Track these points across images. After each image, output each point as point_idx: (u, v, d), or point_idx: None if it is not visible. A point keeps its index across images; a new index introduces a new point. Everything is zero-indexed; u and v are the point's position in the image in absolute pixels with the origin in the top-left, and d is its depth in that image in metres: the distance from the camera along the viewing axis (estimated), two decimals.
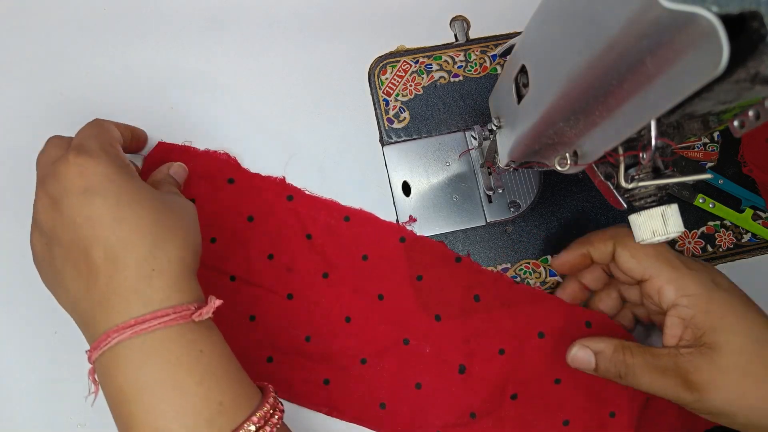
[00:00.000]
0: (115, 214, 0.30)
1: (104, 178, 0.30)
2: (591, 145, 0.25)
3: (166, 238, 0.30)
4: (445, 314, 0.41)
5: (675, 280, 0.30)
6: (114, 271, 0.29)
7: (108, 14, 0.44)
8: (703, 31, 0.16)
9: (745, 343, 0.28)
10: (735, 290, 0.31)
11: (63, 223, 0.30)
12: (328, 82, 0.44)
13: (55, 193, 0.30)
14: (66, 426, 0.39)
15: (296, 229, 0.41)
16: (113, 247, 0.29)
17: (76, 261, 0.30)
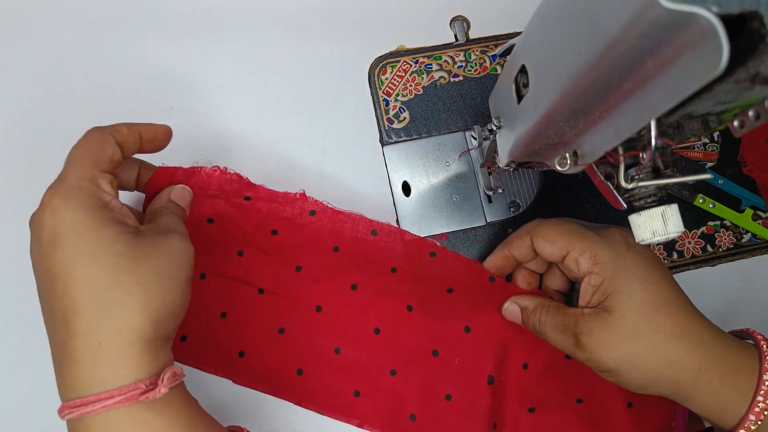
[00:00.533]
0: (70, 272, 0.27)
1: (68, 226, 0.27)
2: (591, 145, 0.25)
3: (118, 304, 0.27)
4: (475, 326, 0.41)
5: (587, 250, 0.32)
6: (65, 338, 0.27)
7: (108, 14, 0.44)
8: (703, 31, 0.16)
9: (639, 306, 0.30)
10: (645, 253, 0.32)
11: (34, 268, 0.29)
12: (328, 82, 0.44)
13: (32, 234, 0.29)
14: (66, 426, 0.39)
15: (323, 241, 0.41)
16: (66, 310, 0.27)
17: (45, 309, 0.28)
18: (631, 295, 0.30)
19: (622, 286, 0.30)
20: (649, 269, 0.31)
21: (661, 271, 0.31)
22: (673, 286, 0.31)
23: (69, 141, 0.42)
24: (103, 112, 0.43)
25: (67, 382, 0.27)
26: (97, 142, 0.31)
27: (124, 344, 0.27)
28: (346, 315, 0.40)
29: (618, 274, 0.31)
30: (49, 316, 0.28)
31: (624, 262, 0.31)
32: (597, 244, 0.32)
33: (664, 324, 0.30)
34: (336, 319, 0.40)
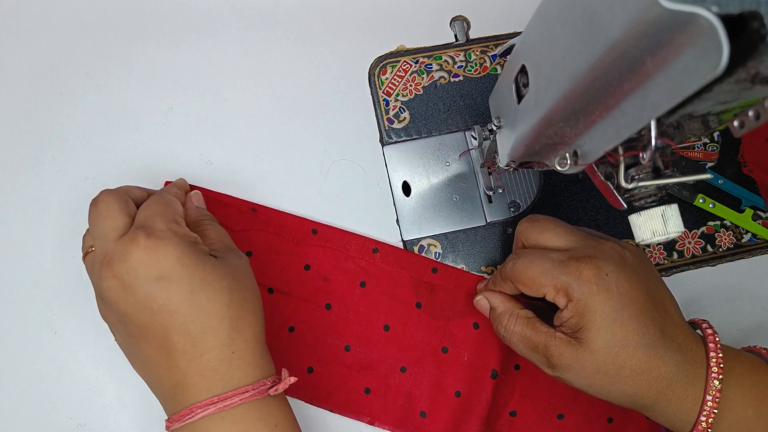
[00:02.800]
0: (191, 302, 0.30)
1: (176, 263, 0.30)
2: (591, 145, 0.25)
3: (241, 318, 0.32)
4: (483, 322, 0.41)
5: (560, 290, 0.33)
6: (194, 355, 0.30)
7: (108, 14, 0.44)
8: (703, 31, 0.16)
9: (606, 344, 0.31)
10: (618, 290, 0.32)
11: (137, 308, 0.30)
12: (328, 82, 0.44)
13: (126, 276, 0.30)
14: (66, 426, 0.39)
15: (331, 242, 0.41)
16: (192, 333, 0.30)
17: (154, 341, 0.31)
18: (599, 333, 0.31)
19: (591, 325, 0.31)
20: (618, 309, 0.31)
21: (630, 310, 0.31)
22: (641, 326, 0.31)
23: (69, 141, 0.42)
24: (103, 112, 0.43)
25: (196, 391, 0.30)
26: (166, 202, 0.34)
27: (251, 350, 0.32)
28: (355, 313, 0.41)
29: (588, 314, 0.32)
30: (160, 345, 0.31)
31: (594, 302, 0.31)
32: (569, 283, 0.32)
33: (629, 362, 0.31)
34: (346, 317, 0.40)
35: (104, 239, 0.31)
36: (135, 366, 0.33)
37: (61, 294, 0.40)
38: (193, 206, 0.38)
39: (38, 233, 0.41)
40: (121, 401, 0.39)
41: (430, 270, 0.41)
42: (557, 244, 0.35)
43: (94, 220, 0.32)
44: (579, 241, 0.34)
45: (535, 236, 0.36)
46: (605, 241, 0.34)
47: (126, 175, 0.42)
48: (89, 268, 0.33)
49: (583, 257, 0.33)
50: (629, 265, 0.33)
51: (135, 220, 0.32)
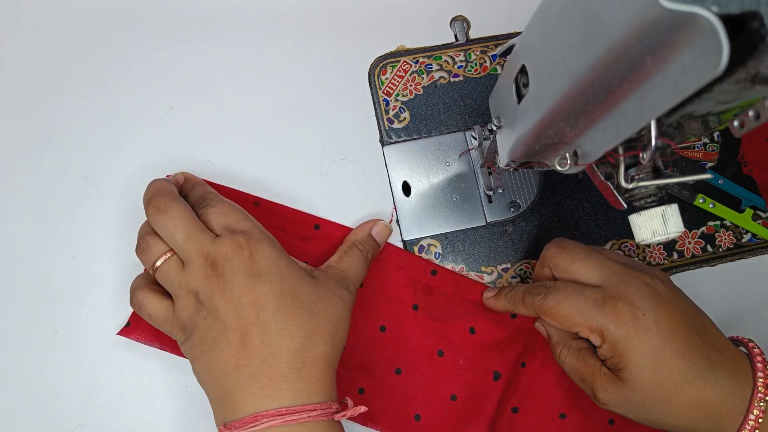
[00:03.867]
0: (278, 302, 0.32)
1: (272, 264, 0.32)
2: (591, 145, 0.25)
3: (317, 333, 0.32)
4: (480, 327, 0.41)
5: (595, 330, 0.33)
6: (268, 356, 0.31)
7: (108, 14, 0.44)
8: (703, 31, 0.16)
9: (649, 384, 0.31)
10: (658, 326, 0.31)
11: (231, 302, 0.31)
12: (328, 82, 0.44)
13: (229, 274, 0.32)
14: (66, 426, 0.39)
15: (330, 242, 0.41)
16: (271, 333, 0.31)
17: (232, 337, 0.31)
18: (642, 373, 0.31)
19: (632, 366, 0.31)
20: (659, 348, 0.31)
21: (672, 346, 0.31)
22: (686, 360, 0.31)
23: (69, 141, 0.42)
24: (103, 112, 0.43)
25: (263, 396, 0.30)
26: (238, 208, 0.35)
27: (321, 368, 0.32)
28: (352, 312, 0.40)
29: (627, 355, 0.31)
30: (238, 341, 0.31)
31: (632, 343, 0.31)
32: (605, 325, 0.32)
33: (677, 397, 0.31)
34: None
35: (197, 242, 0.32)
36: (201, 365, 0.32)
37: (61, 294, 0.40)
38: (367, 231, 0.40)
39: (38, 233, 0.41)
40: (121, 401, 0.39)
41: (429, 272, 0.41)
42: (588, 277, 0.34)
43: (170, 227, 0.33)
44: (611, 276, 0.33)
45: (564, 265, 0.35)
46: (638, 275, 0.33)
47: (126, 175, 0.42)
48: (172, 270, 0.33)
49: (618, 297, 0.32)
50: (664, 298, 0.32)
51: (213, 223, 0.34)
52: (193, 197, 0.37)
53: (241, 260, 0.32)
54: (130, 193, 0.42)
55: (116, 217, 0.41)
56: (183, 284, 0.33)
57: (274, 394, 0.30)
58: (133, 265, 0.40)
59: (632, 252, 0.43)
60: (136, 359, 0.40)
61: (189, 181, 0.39)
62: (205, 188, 0.38)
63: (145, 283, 0.35)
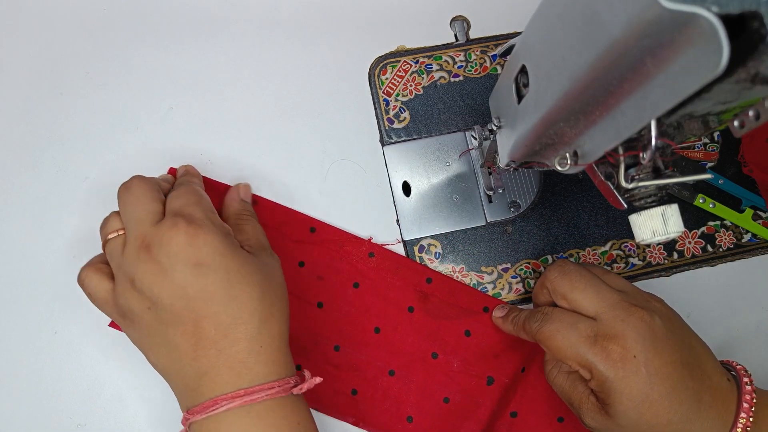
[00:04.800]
0: (226, 291, 0.31)
1: (215, 252, 0.31)
2: (591, 145, 0.25)
3: (270, 315, 0.32)
4: (476, 330, 0.41)
5: (584, 366, 0.32)
6: (225, 345, 0.31)
7: (108, 14, 0.44)
8: (703, 31, 0.16)
9: (635, 424, 0.31)
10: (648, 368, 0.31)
11: (173, 292, 0.30)
12: (328, 82, 0.44)
13: (164, 260, 0.30)
14: (66, 426, 0.39)
15: (327, 245, 0.41)
16: (225, 323, 0.31)
17: (185, 329, 0.31)
18: (626, 413, 0.31)
19: (618, 406, 0.31)
20: (647, 390, 0.30)
21: (661, 389, 0.30)
22: (674, 403, 0.30)
23: (69, 141, 0.42)
24: (103, 112, 0.43)
25: (222, 383, 0.30)
26: (200, 194, 0.35)
27: (277, 347, 0.32)
28: (347, 313, 0.40)
29: (614, 395, 0.31)
30: (191, 332, 0.31)
31: (620, 385, 0.31)
32: (594, 363, 0.31)
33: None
34: (337, 317, 0.40)
35: (140, 223, 0.31)
36: (156, 356, 0.32)
37: (61, 294, 0.40)
38: (238, 198, 0.39)
39: (38, 233, 0.41)
40: (121, 401, 0.39)
41: (425, 280, 0.41)
42: (585, 308, 0.34)
43: (127, 203, 0.33)
44: (607, 311, 0.33)
45: (563, 292, 0.35)
46: (635, 311, 0.32)
47: (126, 175, 0.42)
48: (115, 250, 0.32)
49: (611, 336, 0.32)
50: (659, 337, 0.31)
51: (167, 207, 0.33)
52: (175, 185, 0.37)
53: (179, 246, 0.30)
54: None
55: None
56: (122, 266, 0.32)
57: (234, 380, 0.30)
58: None
59: (632, 252, 0.43)
60: (136, 359, 0.40)
61: (188, 173, 0.39)
62: (188, 178, 0.37)
63: (95, 262, 0.34)
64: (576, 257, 0.43)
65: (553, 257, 0.43)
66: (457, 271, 0.42)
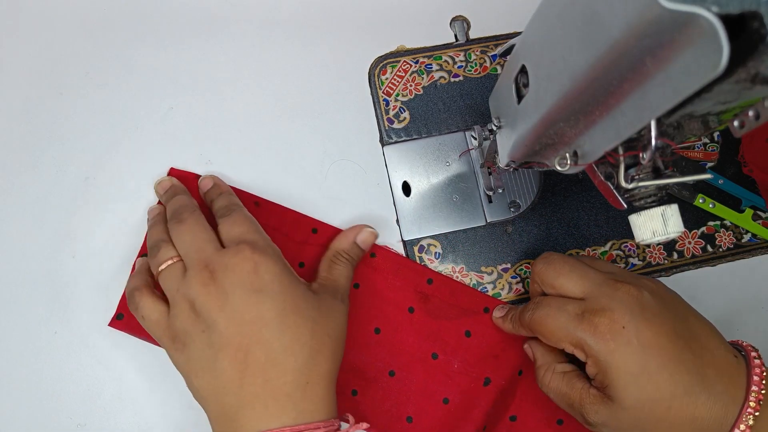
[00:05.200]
0: (281, 320, 0.31)
1: (275, 280, 0.32)
2: (591, 145, 0.25)
3: (319, 351, 0.32)
4: (476, 330, 0.41)
5: (577, 347, 0.32)
6: (273, 375, 0.31)
7: (108, 14, 0.44)
8: (703, 31, 0.16)
9: (636, 401, 0.30)
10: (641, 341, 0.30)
11: (230, 316, 0.31)
12: (328, 82, 0.44)
13: (227, 285, 0.31)
14: (66, 426, 0.39)
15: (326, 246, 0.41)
16: (275, 351, 0.31)
17: (235, 354, 0.31)
18: (627, 390, 0.30)
19: (616, 382, 0.30)
20: (642, 362, 0.30)
21: (657, 361, 0.30)
22: (672, 375, 0.29)
23: (69, 141, 0.42)
24: (103, 112, 0.43)
25: (267, 415, 0.30)
26: (253, 220, 0.36)
27: (324, 386, 0.32)
28: None
29: (610, 371, 0.30)
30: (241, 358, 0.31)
31: (613, 359, 0.30)
32: (585, 340, 0.31)
33: (667, 415, 0.30)
34: None
35: (202, 251, 0.33)
36: (199, 380, 0.32)
37: (61, 294, 0.40)
38: (353, 239, 0.39)
39: (38, 233, 0.41)
40: (121, 401, 0.39)
41: (426, 281, 0.41)
42: (572, 291, 0.34)
43: (183, 233, 0.34)
44: (594, 289, 0.33)
45: (550, 281, 0.35)
46: (621, 286, 0.32)
47: (126, 175, 0.42)
48: (174, 276, 0.33)
49: (597, 310, 0.31)
50: (649, 309, 0.31)
51: (225, 234, 0.34)
52: (216, 206, 0.37)
53: (243, 272, 0.31)
54: (130, 193, 0.42)
55: (116, 217, 0.41)
56: (180, 290, 0.32)
57: (278, 413, 0.30)
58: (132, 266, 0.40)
59: (632, 252, 0.43)
60: (136, 359, 0.40)
61: (217, 188, 0.39)
62: (230, 199, 0.38)
63: (144, 285, 0.35)
64: None
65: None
66: (457, 271, 0.42)
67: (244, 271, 0.31)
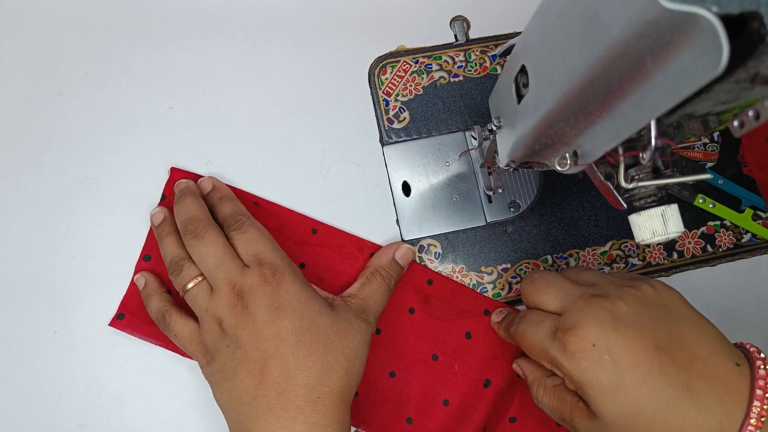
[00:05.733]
0: (297, 337, 0.33)
1: (294, 298, 0.34)
2: (591, 145, 0.25)
3: (333, 368, 0.33)
4: (476, 332, 0.41)
5: (554, 366, 0.32)
6: (285, 388, 0.32)
7: (108, 14, 0.44)
8: (703, 31, 0.16)
9: (617, 417, 0.29)
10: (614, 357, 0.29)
11: (250, 332, 0.33)
12: (328, 82, 0.44)
13: (251, 305, 0.33)
14: (66, 426, 0.39)
15: (327, 246, 0.41)
16: (289, 367, 0.32)
17: (252, 367, 0.32)
18: (605, 406, 0.29)
19: (594, 399, 0.30)
20: (616, 378, 0.29)
21: (632, 375, 0.28)
22: (652, 389, 0.28)
23: (69, 141, 0.42)
24: (103, 112, 0.43)
25: (281, 424, 0.31)
26: (269, 237, 0.37)
27: (336, 402, 0.33)
28: None
29: (586, 388, 0.30)
30: (257, 372, 0.32)
31: (587, 376, 0.30)
32: (557, 359, 0.31)
33: (653, 429, 0.29)
34: None
35: (226, 270, 0.34)
36: (221, 391, 0.33)
37: (61, 294, 0.40)
38: (392, 256, 0.40)
39: (38, 233, 0.41)
40: (121, 401, 0.39)
41: (426, 281, 0.41)
42: (551, 307, 0.34)
43: (205, 253, 0.35)
44: (568, 304, 0.32)
45: (532, 299, 0.35)
46: (596, 300, 0.31)
47: (126, 175, 0.42)
48: (202, 295, 0.35)
49: (568, 328, 0.31)
50: (623, 322, 0.30)
51: (241, 249, 0.35)
52: (222, 214, 0.38)
53: (266, 294, 0.33)
54: (130, 193, 0.42)
55: (116, 217, 0.41)
56: (210, 310, 0.34)
57: (289, 425, 0.31)
58: (132, 265, 0.40)
59: (632, 252, 0.43)
60: (136, 359, 0.40)
61: (217, 191, 0.39)
62: (235, 205, 0.38)
63: (169, 305, 0.37)
64: (576, 257, 0.43)
65: (553, 257, 0.43)
66: (457, 272, 0.42)
67: (266, 293, 0.33)
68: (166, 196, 0.41)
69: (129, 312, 0.39)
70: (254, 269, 0.34)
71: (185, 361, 0.40)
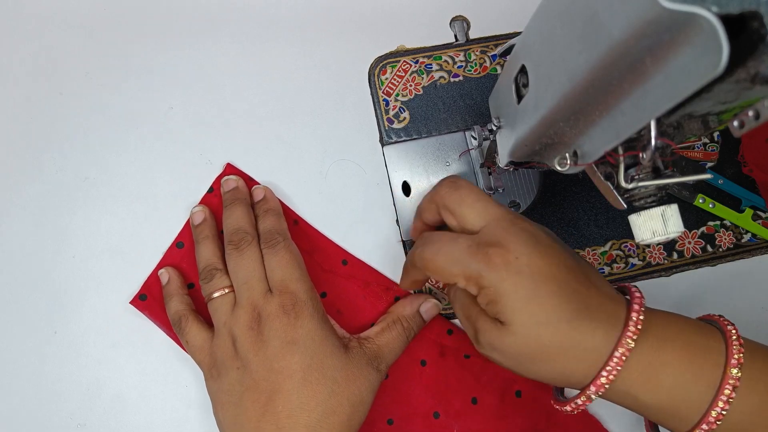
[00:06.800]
0: (304, 375, 0.33)
1: (308, 335, 0.34)
2: (591, 145, 0.25)
3: (335, 413, 0.33)
4: (483, 399, 0.40)
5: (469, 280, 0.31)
6: (285, 425, 0.32)
7: (108, 14, 0.44)
8: (703, 31, 0.16)
9: (524, 326, 0.30)
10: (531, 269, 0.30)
11: (261, 359, 0.33)
12: (328, 82, 0.44)
13: (266, 333, 0.34)
14: (66, 426, 0.39)
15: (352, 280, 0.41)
16: (293, 404, 0.32)
17: (258, 397, 0.33)
18: (516, 314, 0.30)
19: (507, 309, 0.30)
20: (533, 288, 0.30)
21: (547, 287, 0.29)
22: (562, 301, 0.29)
23: (69, 141, 0.42)
24: (103, 112, 0.43)
25: None
26: (300, 265, 0.37)
27: None
28: None
29: (501, 299, 0.30)
30: (263, 401, 0.33)
31: (505, 287, 0.30)
32: (479, 271, 0.31)
33: (553, 339, 0.30)
34: None
35: (252, 291, 0.35)
36: (224, 412, 0.34)
37: (61, 294, 0.40)
38: (416, 308, 0.39)
39: (38, 233, 0.41)
40: (121, 401, 0.39)
41: (446, 331, 0.41)
42: (472, 223, 0.33)
43: (240, 268, 0.36)
44: (491, 223, 0.32)
45: (452, 206, 0.33)
46: (518, 221, 0.32)
47: (126, 175, 0.42)
48: (224, 308, 0.35)
49: (492, 242, 0.31)
50: (543, 243, 0.31)
51: (269, 271, 0.36)
52: (262, 227, 0.38)
53: (282, 324, 0.34)
54: (130, 193, 0.42)
55: (116, 217, 0.41)
56: (228, 324, 0.35)
57: None
58: (132, 265, 0.40)
59: (632, 252, 0.43)
60: (136, 359, 0.40)
61: (265, 202, 0.40)
62: (277, 222, 0.38)
63: (189, 311, 0.37)
64: None
65: None
66: None
67: (283, 323, 0.33)
68: (214, 189, 0.41)
69: (151, 295, 0.39)
70: (276, 297, 0.34)
71: (185, 362, 0.40)
